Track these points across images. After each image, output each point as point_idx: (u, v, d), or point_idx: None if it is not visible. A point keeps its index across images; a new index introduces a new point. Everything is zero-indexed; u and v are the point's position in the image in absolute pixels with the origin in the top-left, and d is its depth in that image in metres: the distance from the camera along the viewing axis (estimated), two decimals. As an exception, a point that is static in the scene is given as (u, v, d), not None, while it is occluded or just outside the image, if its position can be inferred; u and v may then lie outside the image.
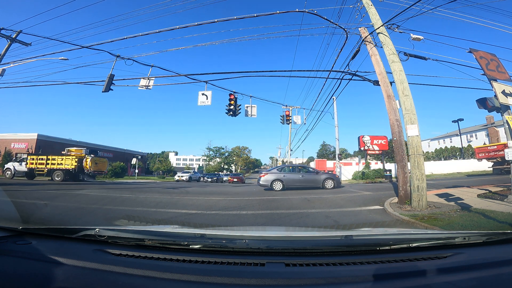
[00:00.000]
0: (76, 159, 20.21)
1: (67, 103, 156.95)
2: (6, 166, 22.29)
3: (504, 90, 7.37)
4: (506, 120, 7.17)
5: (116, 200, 9.32)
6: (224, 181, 33.04)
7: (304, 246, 1.57)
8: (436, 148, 47.45)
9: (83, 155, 21.11)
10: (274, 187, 13.55)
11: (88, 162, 20.62)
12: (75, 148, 22.72)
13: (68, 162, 20.07)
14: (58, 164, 20.15)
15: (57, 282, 1.21)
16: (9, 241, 1.53)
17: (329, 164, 61.32)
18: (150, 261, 1.36)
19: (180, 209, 7.63)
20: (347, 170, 32.32)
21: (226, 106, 12.88)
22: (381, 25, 8.39)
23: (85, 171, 20.78)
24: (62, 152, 20.37)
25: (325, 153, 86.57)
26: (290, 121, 18.05)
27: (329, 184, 14.00)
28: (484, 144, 31.15)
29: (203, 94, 11.97)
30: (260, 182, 14.22)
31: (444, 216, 5.84)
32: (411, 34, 8.97)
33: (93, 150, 23.66)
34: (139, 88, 11.80)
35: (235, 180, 31.62)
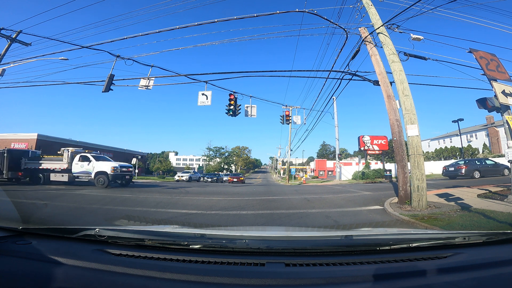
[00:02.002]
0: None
1: (67, 103, 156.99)
2: None
3: (504, 90, 7.37)
4: (506, 120, 7.18)
5: (116, 200, 9.32)
6: (224, 181, 32.99)
7: (304, 246, 1.57)
8: (436, 148, 47.46)
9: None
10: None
11: None
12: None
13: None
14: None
15: (57, 282, 1.21)
16: (9, 241, 1.53)
17: (329, 164, 61.50)
18: (150, 261, 1.36)
19: (180, 209, 7.63)
20: (347, 170, 32.35)
21: (226, 106, 12.89)
22: (381, 25, 8.39)
23: None
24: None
25: (325, 153, 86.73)
26: (290, 121, 18.06)
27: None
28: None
29: (203, 94, 11.97)
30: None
31: (444, 216, 5.85)
32: (411, 34, 8.97)
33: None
34: (139, 88, 11.81)
35: (235, 180, 31.53)
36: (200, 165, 77.74)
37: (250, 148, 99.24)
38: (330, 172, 57.93)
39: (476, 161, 19.68)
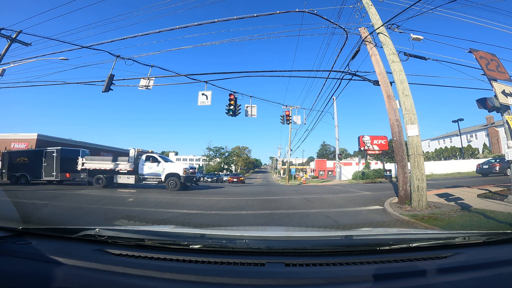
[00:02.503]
0: None
1: (67, 103, 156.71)
2: None
3: (504, 90, 7.37)
4: (506, 120, 7.18)
5: (116, 200, 9.32)
6: (224, 181, 32.99)
7: (304, 246, 1.57)
8: (436, 148, 47.47)
9: None
10: None
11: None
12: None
13: None
14: None
15: (57, 282, 1.21)
16: (9, 241, 1.53)
17: (329, 164, 61.48)
18: (150, 261, 1.36)
19: (180, 209, 7.63)
20: (347, 170, 32.33)
21: (226, 106, 12.88)
22: (381, 25, 8.39)
23: None
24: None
25: (325, 153, 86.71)
26: (290, 121, 18.05)
27: None
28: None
29: (203, 94, 11.96)
30: None
31: (444, 216, 5.85)
32: (411, 34, 8.97)
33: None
34: (139, 88, 11.81)
35: (235, 180, 31.58)
36: (200, 165, 77.77)
37: (250, 148, 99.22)
38: (330, 172, 57.93)
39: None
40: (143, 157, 15.01)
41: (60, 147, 18.00)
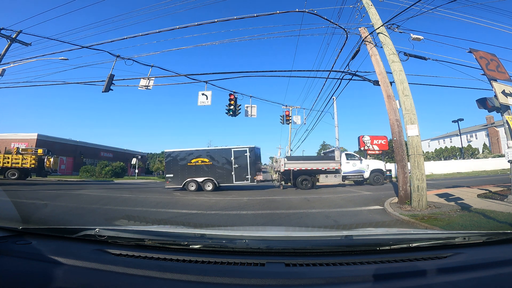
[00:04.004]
0: (36, 158, 20.62)
1: (67, 103, 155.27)
2: None
3: (504, 90, 7.38)
4: (506, 120, 7.18)
5: (116, 200, 9.33)
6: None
7: (304, 246, 1.57)
8: (436, 148, 47.43)
9: (41, 154, 21.72)
10: None
11: (51, 161, 21.62)
12: (29, 147, 23.33)
13: (26, 161, 20.14)
14: (13, 163, 19.90)
15: (57, 282, 1.21)
16: (9, 241, 1.53)
17: (329, 164, 61.28)
18: (150, 261, 1.36)
19: (180, 209, 7.63)
20: (347, 170, 32.26)
21: (226, 106, 12.87)
22: (381, 25, 8.39)
23: (46, 169, 21.58)
24: (9, 149, 20.67)
25: (325, 153, 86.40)
26: (290, 121, 18.00)
27: None
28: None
29: (203, 94, 11.96)
30: None
31: (444, 216, 5.85)
32: (411, 34, 8.97)
33: (49, 149, 23.99)
34: (139, 88, 11.79)
35: None
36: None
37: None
38: (330, 172, 57.64)
39: None
40: (343, 155, 15.48)
41: (253, 146, 15.70)
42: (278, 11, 9.30)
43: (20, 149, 21.82)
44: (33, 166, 20.23)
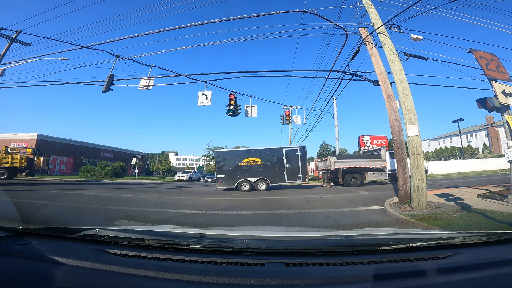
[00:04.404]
0: (25, 158, 20.89)
1: (67, 103, 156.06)
2: None
3: (504, 90, 7.38)
4: (506, 120, 7.18)
5: (116, 200, 9.33)
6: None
7: (304, 246, 1.57)
8: (436, 148, 47.45)
9: (30, 152, 22.14)
10: None
11: (41, 160, 22.11)
12: (18, 147, 23.71)
13: (16, 161, 20.32)
14: (3, 162, 19.93)
15: (57, 282, 1.21)
16: (9, 241, 1.53)
17: (329, 164, 61.28)
18: (150, 261, 1.36)
19: (180, 209, 7.63)
20: (347, 170, 32.25)
21: (226, 106, 12.88)
22: (381, 25, 8.39)
23: (36, 168, 22.04)
24: None
25: (325, 153, 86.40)
26: (290, 121, 18.01)
27: None
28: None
29: (203, 94, 11.96)
30: None
31: (444, 216, 5.85)
32: (411, 34, 8.97)
33: (38, 148, 24.30)
34: (139, 88, 11.79)
35: None
36: (200, 165, 77.68)
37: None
38: (330, 172, 57.66)
39: None
40: (387, 154, 15.99)
41: (303, 145, 16.19)
42: (278, 11, 9.30)
43: (9, 149, 22.00)
44: (23, 165, 20.51)
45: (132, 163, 35.48)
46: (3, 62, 13.37)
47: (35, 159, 21.81)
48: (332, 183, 16.23)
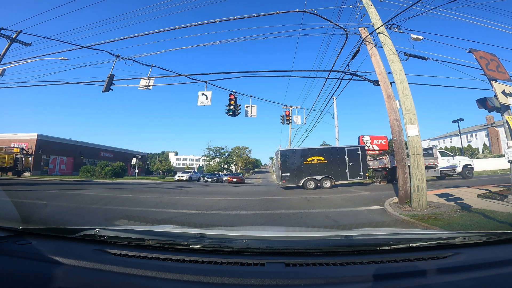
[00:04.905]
0: (12, 157, 21.34)
1: (67, 103, 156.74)
2: None
3: (504, 90, 7.37)
4: (506, 120, 7.18)
5: (116, 200, 9.32)
6: (224, 181, 32.89)
7: (304, 246, 1.57)
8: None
9: (17, 152, 22.62)
10: None
11: (29, 160, 22.85)
12: (4, 146, 24.10)
13: (4, 160, 20.74)
14: None
15: (57, 282, 1.21)
16: (9, 241, 1.53)
17: (329, 164, 61.31)
18: (150, 261, 1.36)
19: (180, 209, 7.63)
20: (347, 170, 32.23)
21: (226, 106, 12.88)
22: (381, 25, 8.39)
23: (23, 168, 22.73)
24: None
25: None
26: (290, 121, 18.00)
27: None
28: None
29: (203, 94, 11.96)
30: None
31: (444, 216, 5.84)
32: (411, 34, 8.97)
33: (23, 148, 25.06)
34: (139, 88, 11.80)
35: (234, 180, 31.22)
36: (200, 165, 77.71)
37: (250, 148, 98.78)
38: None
39: None
40: (438, 152, 16.87)
41: (363, 145, 17.80)
42: (278, 11, 9.30)
43: None
44: (10, 165, 20.79)
45: (132, 163, 35.46)
46: (3, 62, 13.38)
47: (23, 158, 22.39)
48: (386, 181, 17.03)
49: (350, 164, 15.60)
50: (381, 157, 18.83)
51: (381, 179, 17.37)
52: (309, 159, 15.58)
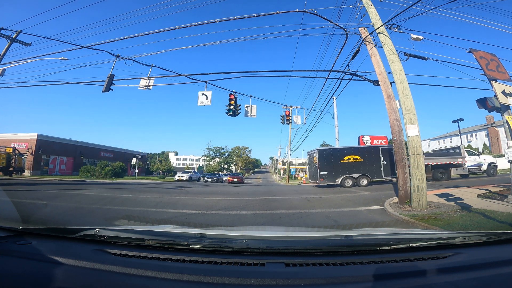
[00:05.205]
0: (5, 157, 21.48)
1: (67, 103, 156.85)
2: None
3: (504, 90, 7.37)
4: (506, 120, 7.18)
5: (116, 200, 9.32)
6: (224, 181, 32.85)
7: (304, 246, 1.57)
8: (436, 148, 47.43)
9: (10, 152, 22.77)
10: None
11: (22, 160, 23.14)
12: None
13: None
14: None
15: (57, 282, 1.21)
16: (9, 241, 1.53)
17: (329, 164, 61.39)
18: (150, 261, 1.36)
19: (180, 209, 7.62)
20: (347, 170, 32.22)
21: (226, 106, 12.88)
22: (381, 25, 8.39)
23: (15, 168, 22.80)
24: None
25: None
26: (290, 121, 18.01)
27: None
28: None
29: (203, 94, 11.96)
30: None
31: (444, 216, 5.84)
32: (411, 34, 8.97)
33: (15, 148, 25.19)
34: (139, 88, 11.80)
35: (235, 180, 31.06)
36: (200, 165, 77.72)
37: (250, 148, 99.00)
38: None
39: None
40: (465, 151, 17.10)
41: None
42: (278, 11, 9.30)
43: None
44: (2, 165, 21.00)
45: (132, 163, 35.43)
46: (3, 62, 13.38)
47: (15, 158, 22.57)
48: None
49: (385, 162, 16.05)
50: None
51: None
52: (346, 158, 15.99)
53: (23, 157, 23.77)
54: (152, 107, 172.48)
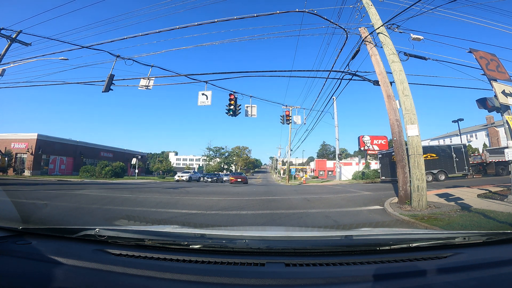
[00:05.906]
0: None
1: (67, 103, 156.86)
2: None
3: (504, 90, 7.37)
4: (506, 120, 7.18)
5: (116, 200, 9.31)
6: (224, 181, 32.72)
7: (304, 246, 1.57)
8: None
9: None
10: None
11: (5, 160, 23.55)
12: None
13: None
14: None
15: (57, 282, 1.21)
16: (9, 241, 1.53)
17: (329, 164, 61.54)
18: (150, 261, 1.36)
19: (180, 209, 7.62)
20: (347, 170, 32.37)
21: (226, 106, 12.88)
22: (381, 25, 8.39)
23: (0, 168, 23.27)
24: None
25: (325, 153, 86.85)
26: (290, 121, 18.05)
27: None
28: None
29: (203, 94, 11.96)
30: None
31: (444, 216, 5.85)
32: (411, 34, 8.97)
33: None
34: (139, 88, 11.81)
35: (238, 180, 27.49)
36: (200, 165, 77.69)
37: (250, 148, 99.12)
38: (330, 172, 58.01)
39: None
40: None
41: (464, 143, 20.57)
42: (278, 11, 9.30)
43: None
44: None
45: (132, 163, 35.40)
46: (3, 62, 13.39)
47: (6, 160, 23.18)
48: (481, 174, 19.61)
49: (457, 160, 18.01)
50: (477, 154, 21.87)
51: (476, 173, 19.94)
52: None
53: (6, 158, 24.10)
54: (152, 107, 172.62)
